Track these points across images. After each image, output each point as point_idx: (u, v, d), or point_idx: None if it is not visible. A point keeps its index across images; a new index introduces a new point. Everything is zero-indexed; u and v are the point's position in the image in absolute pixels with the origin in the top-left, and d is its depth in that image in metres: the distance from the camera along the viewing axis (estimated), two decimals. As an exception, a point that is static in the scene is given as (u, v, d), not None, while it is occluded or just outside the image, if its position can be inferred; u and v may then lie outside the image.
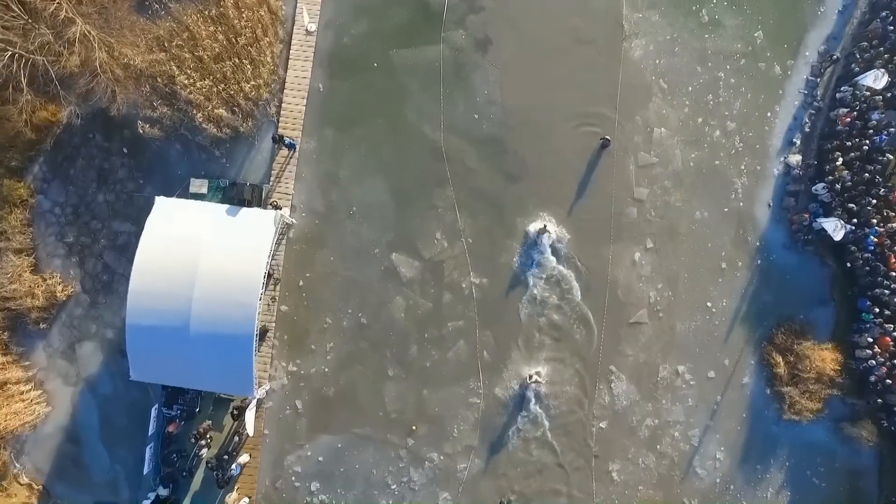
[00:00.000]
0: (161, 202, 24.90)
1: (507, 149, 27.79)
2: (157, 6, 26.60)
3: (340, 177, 27.85)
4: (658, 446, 27.37)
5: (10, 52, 23.78)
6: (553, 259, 27.22)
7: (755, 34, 28.20)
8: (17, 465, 27.27)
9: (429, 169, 27.74)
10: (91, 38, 24.37)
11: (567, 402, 27.14)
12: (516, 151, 27.75)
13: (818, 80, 27.78)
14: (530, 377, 26.71)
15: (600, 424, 27.22)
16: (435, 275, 27.58)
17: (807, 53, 28.04)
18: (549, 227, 26.89)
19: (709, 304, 27.53)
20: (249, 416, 24.61)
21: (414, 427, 27.15)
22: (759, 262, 27.62)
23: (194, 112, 25.95)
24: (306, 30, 27.93)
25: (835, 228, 25.40)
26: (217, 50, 25.69)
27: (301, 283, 27.52)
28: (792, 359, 26.60)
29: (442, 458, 27.17)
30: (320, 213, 27.76)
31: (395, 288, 27.53)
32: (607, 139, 27.10)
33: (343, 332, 27.41)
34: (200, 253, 23.87)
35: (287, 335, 27.41)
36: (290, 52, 27.93)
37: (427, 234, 27.62)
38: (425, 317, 27.45)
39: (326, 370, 27.29)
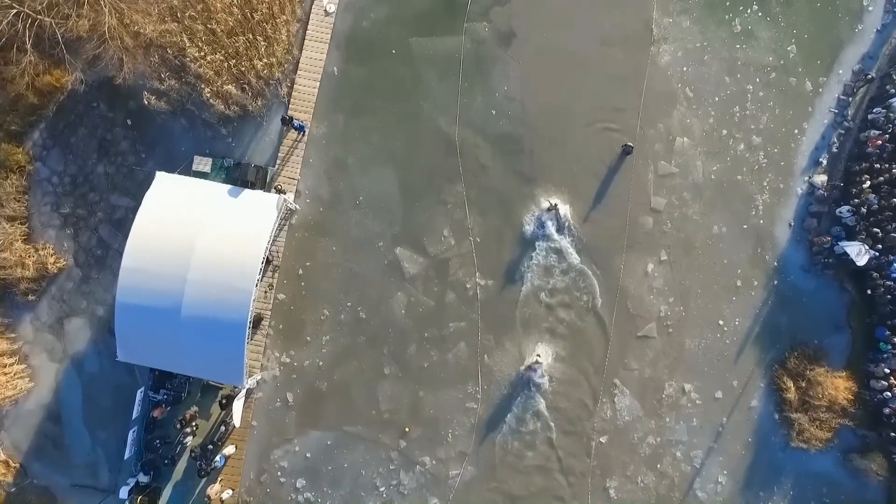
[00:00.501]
0: (161, 178, 23.98)
1: (524, 148, 26.86)
2: (172, -26, 25.67)
3: (349, 165, 26.91)
4: (658, 465, 26.42)
5: (15, 10, 22.85)
6: (569, 249, 26.29)
7: (788, 48, 27.26)
8: (-5, 440, 26.35)
9: (441, 163, 26.80)
10: (101, 2, 23.41)
11: (572, 409, 26.20)
12: (532, 151, 26.81)
13: (850, 99, 26.86)
14: (535, 360, 25.79)
15: (601, 439, 26.27)
16: (439, 273, 26.64)
17: (840, 71, 27.11)
18: (558, 205, 25.90)
19: (721, 322, 26.58)
20: (237, 406, 23.65)
21: (407, 429, 26.19)
22: (775, 282, 26.68)
23: (203, 87, 25.00)
24: (325, 10, 27.03)
25: (858, 253, 24.48)
26: (231, 24, 24.72)
27: (300, 271, 26.57)
28: (803, 384, 25.67)
29: (434, 462, 26.21)
30: (325, 200, 26.83)
31: (397, 283, 26.59)
32: (630, 145, 26.18)
33: (340, 325, 26.45)
34: (198, 233, 22.93)
35: (282, 325, 26.46)
36: (307, 31, 27.00)
37: (434, 230, 26.68)
38: (426, 316, 26.51)
39: (321, 364, 26.34)
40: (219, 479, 25.61)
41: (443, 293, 26.58)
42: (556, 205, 25.93)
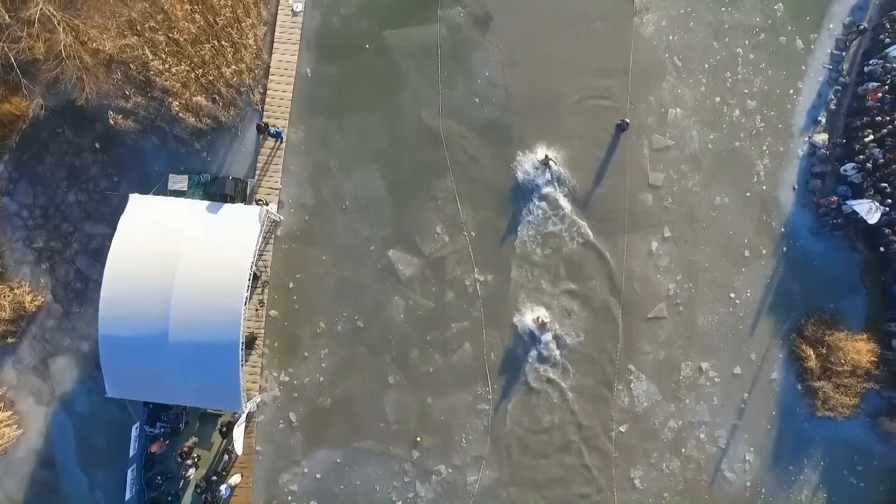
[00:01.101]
0: (135, 200, 22.71)
1: (512, 135, 25.78)
2: (128, -15, 24.36)
3: (332, 168, 25.73)
4: (683, 449, 25.41)
5: (-39, 39, 21.59)
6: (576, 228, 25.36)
7: (775, 6, 26.31)
8: (-14, 494, 24.97)
9: (427, 158, 25.68)
10: (54, 20, 22.13)
11: (587, 400, 25.17)
12: (521, 137, 25.73)
13: (843, 53, 25.94)
14: (536, 320, 24.86)
15: (620, 428, 25.24)
16: (436, 272, 25.53)
17: (831, 26, 26.16)
18: (550, 155, 24.96)
19: (732, 295, 25.61)
20: (238, 433, 22.40)
21: (418, 438, 25.04)
22: (784, 249, 25.73)
23: (171, 101, 23.72)
24: (292, 10, 25.83)
25: (868, 211, 23.57)
26: (194, 32, 23.46)
27: (291, 284, 25.36)
28: (823, 351, 24.74)
29: (450, 470, 25.08)
30: (310, 208, 25.63)
31: (393, 287, 25.45)
32: (626, 121, 25.15)
33: (338, 336, 25.26)
34: (179, 255, 21.69)
35: (277, 342, 25.23)
36: (275, 34, 25.82)
37: (427, 228, 25.56)
38: (427, 318, 25.37)
39: (321, 379, 25.14)
40: (227, 510, 24.38)
41: (441, 293, 25.48)
42: (546, 157, 25.00)
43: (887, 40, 25.01)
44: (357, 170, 25.69)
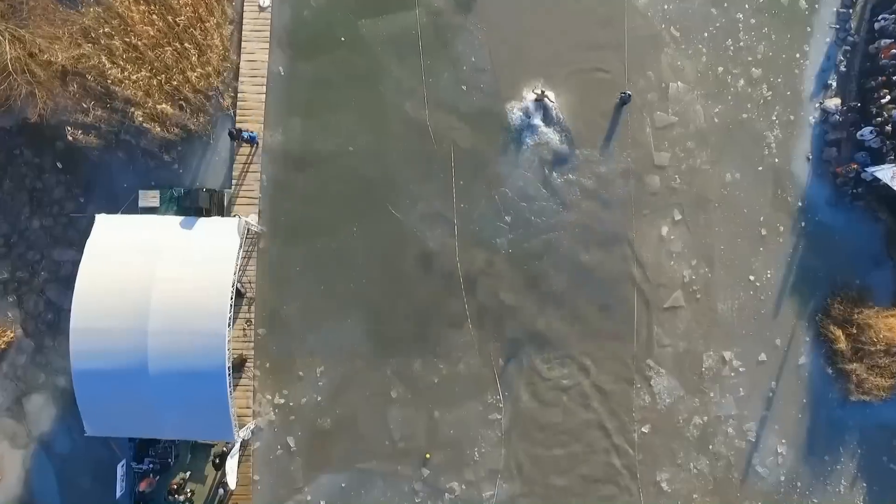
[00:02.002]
0: (102, 221, 20.96)
1: (504, 122, 24.07)
2: (79, -10, 22.52)
3: (314, 171, 23.92)
4: (710, 446, 23.78)
5: None
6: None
7: (773, -35, 24.77)
8: (-34, 549, 23.10)
9: (415, 154, 23.91)
10: (-4, 32, 20.32)
11: (605, 402, 23.52)
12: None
13: (850, 11, 24.44)
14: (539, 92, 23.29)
15: (643, 429, 23.57)
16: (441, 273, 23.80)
17: (834, -19, 24.66)
18: (546, 91, 23.40)
19: (751, 277, 24.00)
20: (230, 465, 20.59)
21: (428, 455, 23.30)
22: (803, 224, 24.15)
23: (133, 111, 21.89)
24: (259, 5, 24.00)
25: (893, 176, 21.96)
26: (153, 34, 21.63)
27: (279, 299, 23.56)
28: (853, 331, 23.14)
29: (464, 487, 23.36)
30: (294, 214, 23.82)
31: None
32: (627, 93, 23.44)
33: (334, 351, 23.49)
34: (153, 277, 19.91)
35: (269, 363, 23.42)
36: (243, 32, 23.98)
37: (422, 230, 23.81)
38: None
39: (319, 399, 23.36)
40: (226, 547, 22.58)
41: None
42: (543, 92, 23.52)
43: (898, -7, 23.47)
44: (341, 172, 23.89)
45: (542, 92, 23.38)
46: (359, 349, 23.41)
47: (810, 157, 24.27)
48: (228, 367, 19.97)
